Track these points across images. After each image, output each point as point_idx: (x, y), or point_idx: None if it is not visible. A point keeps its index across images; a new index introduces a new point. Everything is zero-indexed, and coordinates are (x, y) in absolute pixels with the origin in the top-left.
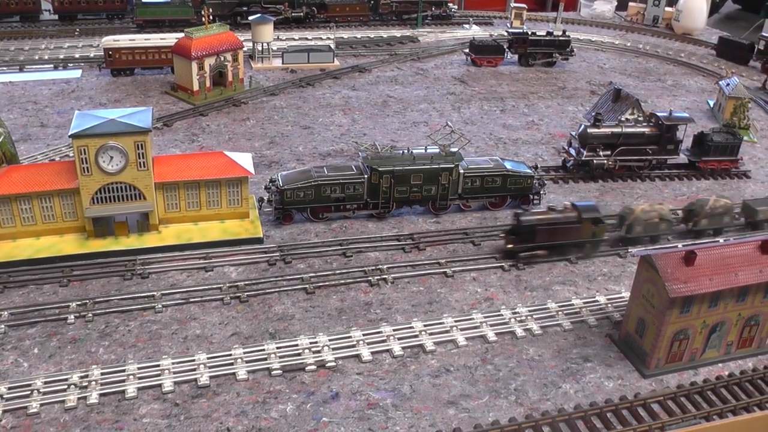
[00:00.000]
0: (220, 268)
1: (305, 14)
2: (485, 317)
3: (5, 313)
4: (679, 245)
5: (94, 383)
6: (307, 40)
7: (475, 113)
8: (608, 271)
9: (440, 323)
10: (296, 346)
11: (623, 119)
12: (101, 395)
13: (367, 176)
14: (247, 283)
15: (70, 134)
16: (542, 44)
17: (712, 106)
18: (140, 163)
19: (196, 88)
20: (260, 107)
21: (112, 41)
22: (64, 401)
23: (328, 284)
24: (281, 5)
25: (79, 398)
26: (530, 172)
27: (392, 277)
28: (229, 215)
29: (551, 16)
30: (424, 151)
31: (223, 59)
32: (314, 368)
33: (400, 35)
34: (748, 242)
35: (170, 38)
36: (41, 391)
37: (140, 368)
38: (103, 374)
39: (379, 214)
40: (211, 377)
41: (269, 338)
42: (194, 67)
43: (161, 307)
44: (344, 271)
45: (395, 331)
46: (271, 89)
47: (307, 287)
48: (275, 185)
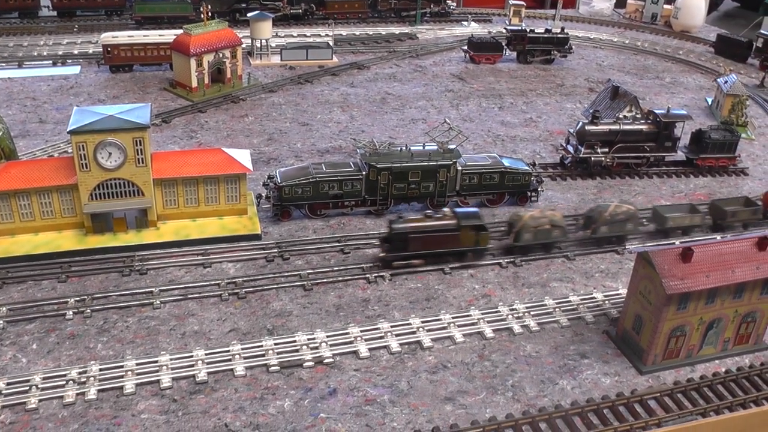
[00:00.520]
0: (218, 264)
1: (304, 11)
2: (482, 314)
3: (4, 308)
4: (676, 242)
5: (92, 379)
6: (305, 37)
7: (473, 110)
8: (605, 267)
9: (438, 320)
10: (294, 342)
11: (621, 116)
12: (99, 391)
13: (365, 173)
14: (245, 279)
15: (68, 130)
16: (541, 41)
17: (710, 103)
18: (139, 159)
19: (194, 84)
20: (259, 104)
21: (110, 38)
22: (62, 397)
23: (325, 281)
24: (280, 2)
25: (77, 394)
26: (528, 169)
27: (390, 273)
28: (227, 212)
29: (550, 13)
30: (422, 148)
31: (221, 56)
32: (312, 364)
33: (398, 32)
34: (745, 239)
35: (169, 35)
36: (40, 386)
37: (138, 364)
38: (101, 370)
39: (377, 210)
40: (209, 373)
41: (267, 334)
42: (193, 63)
43: (159, 303)
44: (342, 267)
45: (393, 327)
46: (269, 86)
47: (305, 284)
48: (273, 182)
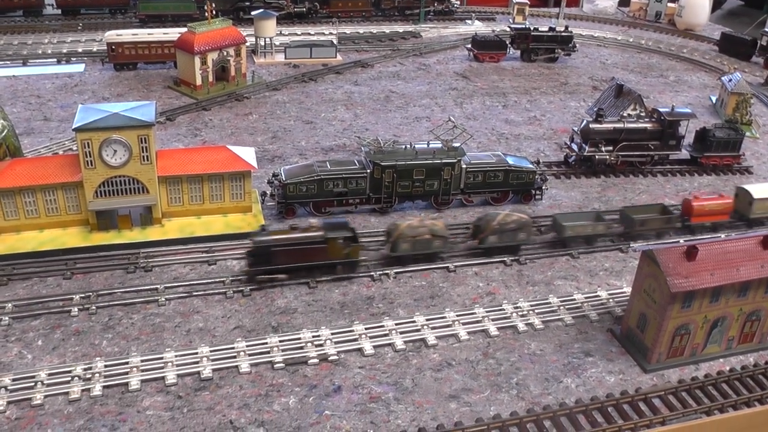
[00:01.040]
0: (223, 261)
1: (308, 9)
2: (487, 312)
3: (9, 305)
4: (680, 240)
5: (97, 375)
6: (309, 35)
7: (477, 108)
8: (610, 266)
9: (442, 317)
10: (299, 339)
11: (625, 115)
12: (105, 387)
13: (369, 171)
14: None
15: (73, 128)
16: (545, 40)
17: (714, 101)
18: (143, 156)
19: (198, 82)
20: (263, 102)
21: (115, 36)
22: (67, 393)
23: (330, 278)
24: (284, 0)
25: (82, 390)
26: (532, 167)
27: (394, 271)
28: (231, 209)
29: (554, 11)
30: (426, 146)
31: (225, 54)
32: (317, 362)
33: (402, 31)
34: (749, 237)
35: (173, 33)
36: (45, 382)
37: (143, 361)
38: (106, 366)
39: (381, 208)
40: (214, 370)
41: (272, 332)
42: (197, 61)
43: (164, 300)
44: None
45: (397, 325)
46: (273, 84)
47: (309, 281)
48: (278, 179)
